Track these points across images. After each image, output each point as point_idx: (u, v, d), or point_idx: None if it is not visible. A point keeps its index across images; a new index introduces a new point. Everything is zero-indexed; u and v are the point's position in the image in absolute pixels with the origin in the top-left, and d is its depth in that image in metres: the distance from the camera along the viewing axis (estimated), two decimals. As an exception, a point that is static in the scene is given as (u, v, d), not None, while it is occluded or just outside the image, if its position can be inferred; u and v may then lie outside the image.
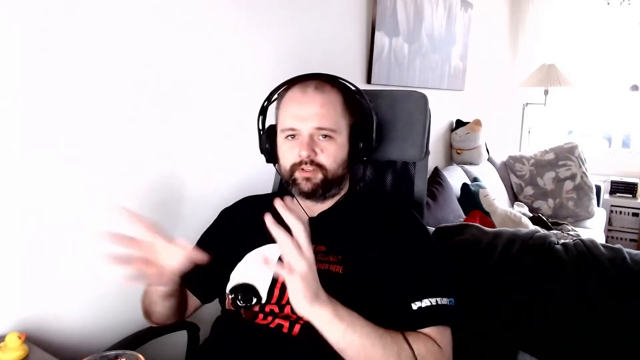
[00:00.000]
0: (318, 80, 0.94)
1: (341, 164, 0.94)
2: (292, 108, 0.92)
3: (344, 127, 0.94)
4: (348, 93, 0.97)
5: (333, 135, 0.91)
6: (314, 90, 0.92)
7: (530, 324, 1.09)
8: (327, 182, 0.92)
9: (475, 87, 3.33)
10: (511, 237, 1.18)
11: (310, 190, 0.92)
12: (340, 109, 0.93)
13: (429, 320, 0.81)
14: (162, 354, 1.12)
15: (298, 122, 0.91)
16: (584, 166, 3.19)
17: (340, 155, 0.93)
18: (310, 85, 0.93)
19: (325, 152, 0.91)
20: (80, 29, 0.94)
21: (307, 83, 0.94)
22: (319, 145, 0.91)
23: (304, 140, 0.90)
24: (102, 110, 1.00)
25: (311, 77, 0.96)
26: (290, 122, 0.92)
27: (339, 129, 0.92)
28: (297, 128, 0.91)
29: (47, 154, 0.92)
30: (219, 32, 1.24)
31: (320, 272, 0.86)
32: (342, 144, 0.93)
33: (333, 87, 0.94)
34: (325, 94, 0.92)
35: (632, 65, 3.78)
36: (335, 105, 0.93)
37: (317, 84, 0.93)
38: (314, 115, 0.90)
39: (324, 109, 0.90)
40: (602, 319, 1.02)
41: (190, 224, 1.22)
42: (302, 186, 0.92)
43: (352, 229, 0.93)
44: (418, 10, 2.31)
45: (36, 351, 0.85)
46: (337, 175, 0.93)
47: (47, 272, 0.95)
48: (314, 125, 0.90)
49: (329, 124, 0.90)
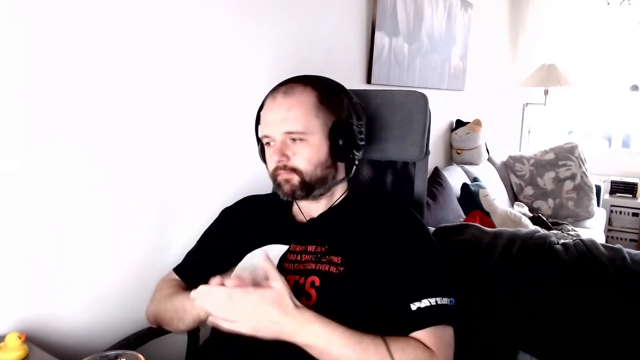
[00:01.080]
0: (288, 85, 0.94)
1: (318, 164, 0.92)
2: (265, 115, 0.95)
3: (318, 127, 0.92)
4: (325, 91, 0.95)
5: (304, 137, 0.91)
6: (282, 95, 0.92)
7: (530, 324, 1.09)
8: (306, 184, 0.92)
9: (475, 87, 3.33)
10: (511, 237, 1.18)
11: (290, 192, 0.93)
12: (312, 110, 0.91)
13: (428, 321, 0.81)
14: (162, 354, 1.12)
15: (269, 128, 0.93)
16: (584, 166, 3.19)
17: (317, 156, 0.92)
18: (279, 91, 0.93)
19: (298, 155, 0.91)
20: (80, 29, 0.94)
21: (278, 89, 0.94)
22: (291, 148, 0.91)
23: (276, 147, 0.92)
24: (103, 111, 1.00)
25: (285, 83, 0.96)
26: (264, 129, 0.94)
27: (311, 130, 0.91)
28: (270, 135, 0.93)
29: (47, 154, 0.92)
30: (220, 32, 1.24)
31: (320, 273, 0.87)
32: (316, 144, 0.92)
33: (306, 87, 0.93)
34: (294, 96, 0.91)
35: (632, 65, 3.78)
36: (306, 106, 0.91)
37: (286, 89, 0.93)
38: (282, 120, 0.90)
39: (292, 112, 0.90)
40: (602, 319, 1.02)
41: (190, 224, 1.22)
42: (283, 188, 0.93)
43: (352, 230, 0.93)
44: (418, 10, 2.31)
45: (36, 351, 0.85)
46: (316, 176, 0.93)
47: (47, 272, 0.95)
48: (283, 130, 0.90)
49: (297, 127, 0.90)
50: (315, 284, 0.86)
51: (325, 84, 0.97)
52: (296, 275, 0.88)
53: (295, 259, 0.91)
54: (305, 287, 0.86)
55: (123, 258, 1.10)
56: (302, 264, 0.90)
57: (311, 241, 0.93)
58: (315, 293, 0.85)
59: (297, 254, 0.92)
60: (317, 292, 0.85)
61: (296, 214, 1.01)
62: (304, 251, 0.92)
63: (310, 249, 0.92)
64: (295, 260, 0.91)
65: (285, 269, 0.90)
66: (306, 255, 0.91)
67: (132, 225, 1.10)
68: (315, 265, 0.88)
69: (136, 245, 1.12)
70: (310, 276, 0.87)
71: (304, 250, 0.92)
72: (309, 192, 0.93)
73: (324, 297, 0.85)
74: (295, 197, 0.94)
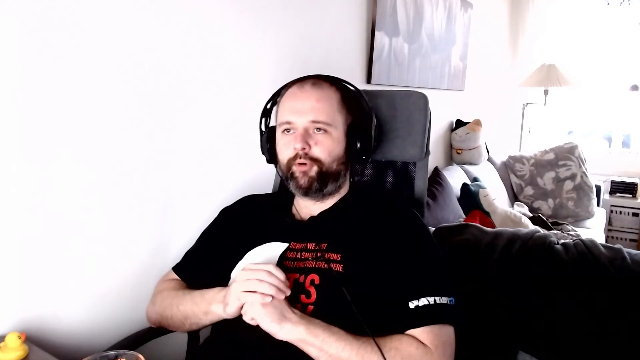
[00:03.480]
0: (316, 79, 0.97)
1: (336, 158, 0.94)
2: (289, 103, 0.95)
3: (341, 123, 0.95)
4: (346, 93, 0.99)
5: (328, 129, 0.93)
6: (311, 86, 0.95)
7: (530, 324, 1.09)
8: (323, 175, 0.93)
9: (475, 87, 3.33)
10: (511, 237, 1.18)
11: (307, 184, 0.93)
12: (337, 106, 0.95)
13: (426, 319, 0.81)
14: (162, 354, 1.12)
15: (294, 116, 0.93)
16: (584, 166, 3.19)
17: (336, 150, 0.94)
18: (308, 82, 0.96)
19: (320, 145, 0.92)
20: (80, 30, 0.94)
21: (306, 80, 0.97)
22: (314, 138, 0.92)
23: (298, 133, 0.92)
24: (103, 111, 1.00)
25: (310, 77, 0.98)
26: (287, 115, 0.94)
27: (335, 124, 0.94)
28: (293, 121, 0.93)
29: (48, 154, 0.92)
30: (220, 33, 1.24)
31: (320, 271, 0.87)
32: (337, 139, 0.94)
33: (331, 85, 0.97)
34: (323, 90, 0.95)
35: (632, 65, 3.78)
36: (332, 101, 0.95)
37: (315, 81, 0.96)
38: (310, 109, 0.92)
39: (320, 103, 0.93)
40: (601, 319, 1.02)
41: (190, 224, 1.22)
42: (299, 180, 0.93)
43: (353, 228, 0.93)
44: (418, 10, 2.31)
45: (36, 351, 0.85)
46: (332, 169, 0.94)
47: (47, 272, 0.95)
48: (309, 118, 0.92)
49: (324, 118, 0.92)
50: (315, 282, 0.86)
51: (345, 86, 1.01)
52: (296, 273, 0.88)
53: (294, 257, 0.91)
54: (305, 285, 0.86)
55: (123, 258, 1.09)
56: (301, 261, 0.90)
57: (311, 239, 0.93)
58: (315, 291, 0.85)
59: (297, 251, 0.92)
60: (317, 290, 0.85)
61: (296, 213, 1.01)
62: (304, 249, 0.92)
63: (310, 246, 0.92)
64: (294, 258, 0.91)
65: (285, 267, 0.90)
66: (306, 253, 0.91)
67: (133, 225, 1.10)
68: (315, 263, 0.88)
69: (136, 245, 1.12)
70: (310, 274, 0.87)
71: (304, 248, 0.92)
72: (323, 185, 0.94)
73: (323, 295, 0.85)
74: (310, 189, 0.93)
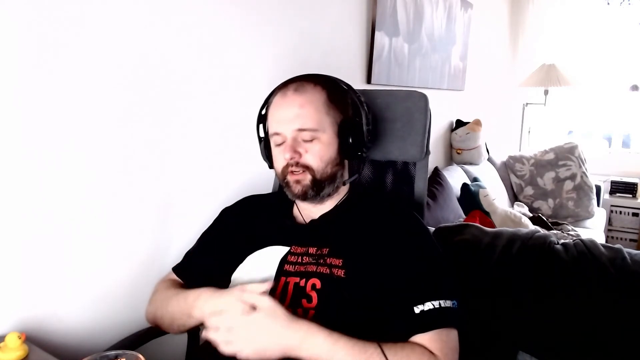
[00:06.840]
0: (298, 82, 0.94)
1: (329, 162, 0.93)
2: (275, 112, 0.94)
3: (329, 124, 0.93)
4: (334, 91, 0.96)
5: (316, 134, 0.91)
6: (293, 92, 0.92)
7: (530, 324, 1.09)
8: (317, 182, 0.92)
9: (475, 87, 3.33)
10: (511, 237, 1.18)
11: (302, 193, 0.92)
12: (323, 107, 0.92)
13: (432, 324, 0.80)
14: (162, 354, 1.12)
15: (280, 126, 0.92)
16: (584, 166, 3.19)
17: (327, 153, 0.93)
18: (290, 88, 0.93)
19: (310, 152, 0.91)
20: (80, 30, 0.94)
21: (288, 86, 0.94)
22: (303, 146, 0.91)
23: (287, 143, 0.91)
24: (103, 111, 1.00)
25: (293, 80, 0.96)
26: (275, 126, 0.93)
27: (323, 127, 0.92)
28: (281, 132, 0.92)
29: (47, 154, 0.92)
30: (220, 33, 1.24)
31: (321, 276, 0.86)
32: (328, 142, 0.92)
33: (316, 86, 0.94)
34: (306, 94, 0.92)
35: (632, 65, 3.78)
36: (317, 103, 0.92)
37: (297, 86, 0.93)
38: (295, 117, 0.90)
39: (304, 109, 0.90)
40: (601, 319, 1.02)
41: (190, 224, 1.22)
42: (293, 189, 0.93)
43: (354, 232, 0.93)
44: (418, 10, 2.31)
45: (36, 351, 0.85)
46: (326, 174, 0.93)
47: (47, 272, 0.95)
48: (295, 127, 0.90)
49: (310, 124, 0.90)
50: (317, 287, 0.85)
51: (334, 83, 0.98)
52: (297, 278, 0.88)
53: (296, 261, 0.91)
54: (306, 290, 0.85)
55: (123, 258, 1.10)
56: (302, 265, 0.90)
57: (312, 243, 0.92)
58: (317, 295, 0.85)
59: (298, 255, 0.91)
60: (318, 294, 0.85)
61: (297, 215, 1.01)
62: (305, 253, 0.91)
63: (311, 250, 0.91)
64: (296, 262, 0.91)
65: (285, 271, 0.89)
66: (307, 257, 0.90)
67: (133, 225, 1.10)
68: (317, 267, 0.88)
69: (136, 245, 1.12)
70: (311, 278, 0.86)
71: (305, 252, 0.91)
72: (319, 191, 0.93)
73: (325, 300, 0.84)
74: (306, 197, 0.93)
